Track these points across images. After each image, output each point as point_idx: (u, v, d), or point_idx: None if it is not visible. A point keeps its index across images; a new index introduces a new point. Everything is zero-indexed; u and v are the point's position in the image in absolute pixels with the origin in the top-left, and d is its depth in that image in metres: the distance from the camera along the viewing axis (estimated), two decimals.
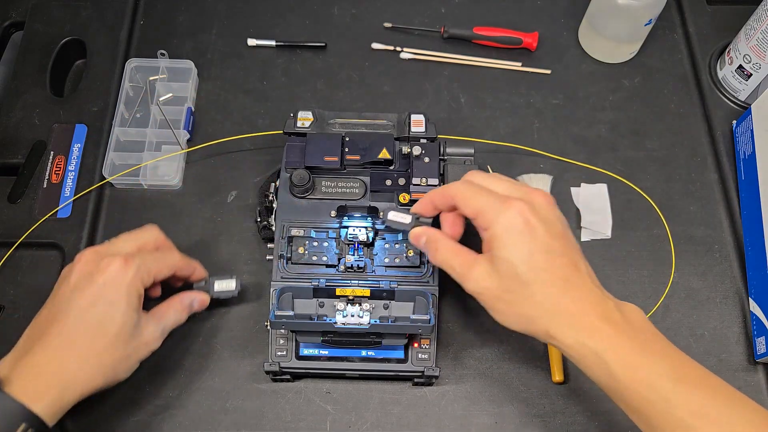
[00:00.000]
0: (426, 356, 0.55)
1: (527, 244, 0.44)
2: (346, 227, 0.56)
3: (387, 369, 0.55)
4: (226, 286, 0.57)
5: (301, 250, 0.55)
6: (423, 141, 0.59)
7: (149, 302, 0.53)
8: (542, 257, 0.44)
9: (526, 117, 0.70)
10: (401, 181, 0.58)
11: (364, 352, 0.55)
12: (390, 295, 0.54)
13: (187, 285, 0.58)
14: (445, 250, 0.48)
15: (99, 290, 0.49)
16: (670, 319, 0.61)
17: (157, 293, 0.57)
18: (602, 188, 0.66)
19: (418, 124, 0.60)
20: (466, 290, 0.47)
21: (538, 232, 0.44)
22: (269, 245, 0.58)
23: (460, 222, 0.50)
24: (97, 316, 0.48)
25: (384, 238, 0.56)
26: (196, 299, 0.55)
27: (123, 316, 0.49)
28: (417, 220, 0.52)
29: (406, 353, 0.55)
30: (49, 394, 0.46)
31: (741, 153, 0.66)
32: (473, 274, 0.46)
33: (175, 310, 0.54)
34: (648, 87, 0.72)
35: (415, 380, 0.57)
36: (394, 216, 0.52)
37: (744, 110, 0.69)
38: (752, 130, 0.64)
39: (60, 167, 0.66)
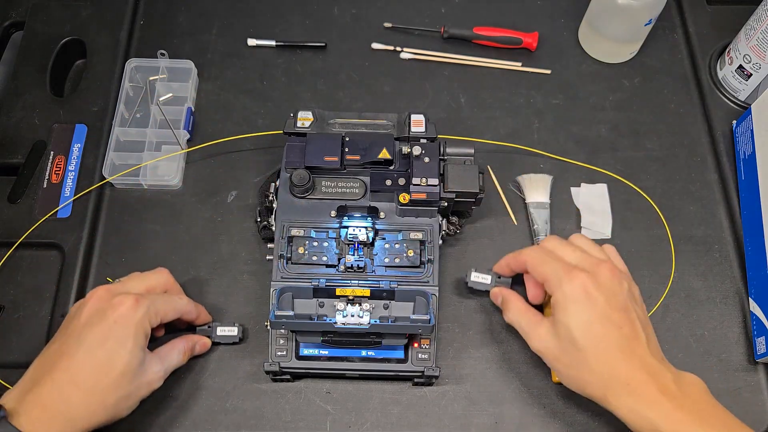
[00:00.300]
0: (426, 356, 0.55)
1: (586, 312, 0.48)
2: (346, 227, 0.56)
3: (387, 369, 0.55)
4: (228, 332, 0.58)
5: (301, 250, 0.55)
6: (423, 141, 0.59)
7: (151, 342, 0.53)
8: (599, 326, 0.48)
9: (526, 117, 0.70)
10: (401, 181, 0.58)
11: (364, 352, 0.55)
12: (390, 295, 0.54)
13: (190, 327, 0.58)
14: (516, 310, 0.54)
15: (109, 327, 0.49)
16: (670, 319, 0.61)
17: (161, 333, 0.58)
18: (602, 188, 0.66)
19: (418, 124, 0.59)
20: (531, 348, 0.52)
21: (597, 303, 0.48)
22: (269, 245, 0.58)
23: (540, 285, 0.54)
24: (106, 353, 0.49)
25: (384, 238, 0.56)
26: (199, 343, 0.57)
27: (129, 354, 0.49)
28: (498, 279, 0.58)
29: (406, 353, 0.55)
30: (55, 429, 0.46)
31: (741, 153, 0.66)
32: (537, 333, 0.51)
33: (179, 352, 0.55)
34: (648, 87, 0.72)
35: (415, 380, 0.57)
36: (476, 277, 0.58)
37: (744, 110, 0.69)
38: (752, 130, 0.64)
39: (60, 167, 0.66)
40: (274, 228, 0.58)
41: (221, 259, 0.62)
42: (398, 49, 0.73)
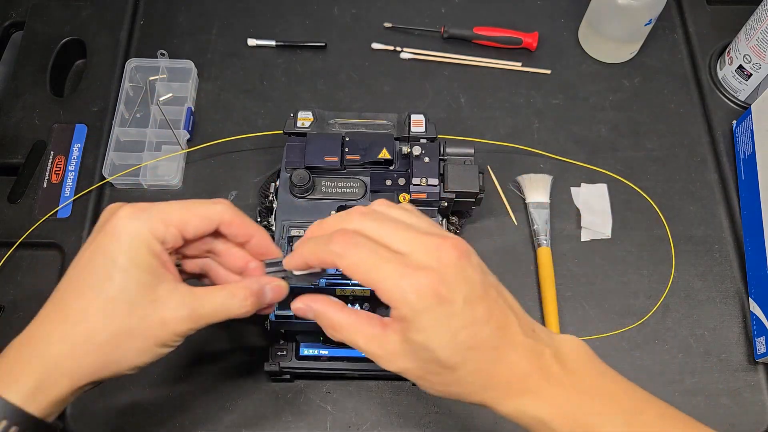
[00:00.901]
0: None
1: (445, 324, 0.36)
2: None
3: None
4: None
5: None
6: (423, 141, 0.59)
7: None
8: (465, 334, 0.36)
9: (526, 117, 0.70)
10: (401, 181, 0.58)
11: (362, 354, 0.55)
12: None
13: None
14: (344, 324, 0.39)
15: (99, 242, 0.38)
16: (670, 319, 0.61)
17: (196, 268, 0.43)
18: (602, 188, 0.66)
19: (418, 124, 0.59)
20: (383, 368, 0.39)
21: (455, 306, 0.36)
22: None
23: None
24: (94, 272, 0.37)
25: None
26: (270, 286, 0.41)
27: (124, 273, 0.37)
28: (295, 277, 0.41)
29: None
30: (29, 376, 0.36)
31: (741, 153, 0.66)
32: (386, 353, 0.38)
33: (229, 293, 0.39)
34: (648, 87, 0.72)
35: None
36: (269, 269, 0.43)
37: (744, 110, 0.69)
38: (752, 130, 0.64)
39: (60, 167, 0.66)
40: (274, 228, 0.58)
41: None
42: (398, 49, 0.73)
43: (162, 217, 0.38)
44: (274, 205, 0.59)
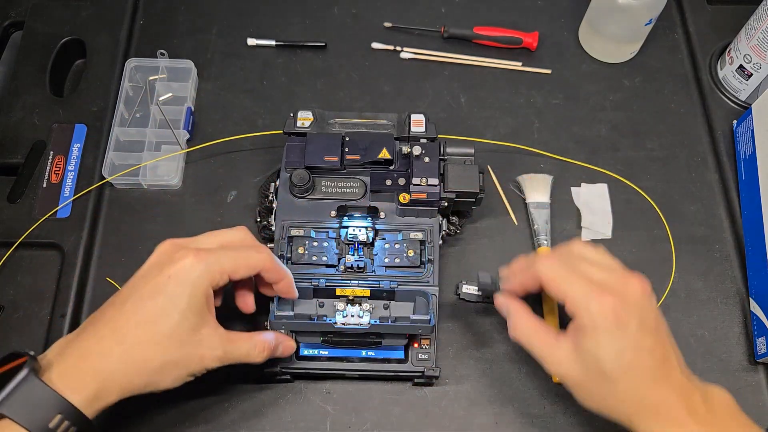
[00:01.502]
0: (426, 356, 0.55)
1: (617, 341, 0.43)
2: (346, 227, 0.56)
3: (387, 369, 0.55)
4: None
5: (301, 250, 0.55)
6: (423, 141, 0.59)
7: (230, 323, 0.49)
8: (631, 355, 0.43)
9: (526, 117, 0.70)
10: (401, 181, 0.58)
11: (364, 353, 0.55)
12: (390, 295, 0.54)
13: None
14: (526, 328, 0.48)
15: (164, 283, 0.44)
16: (671, 319, 0.60)
17: (248, 303, 0.52)
18: (603, 188, 0.66)
19: (418, 124, 0.59)
20: (548, 371, 0.47)
21: (629, 329, 0.43)
22: (269, 245, 0.58)
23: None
24: (154, 309, 0.44)
25: (384, 238, 0.56)
26: (284, 344, 0.50)
27: (180, 315, 0.44)
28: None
29: (406, 353, 0.55)
30: (89, 385, 0.42)
31: (741, 153, 0.66)
32: (555, 357, 0.46)
33: (253, 344, 0.48)
34: (648, 87, 0.72)
35: (416, 380, 0.56)
36: (467, 289, 0.58)
37: (744, 110, 0.69)
38: (753, 130, 0.64)
39: (60, 167, 0.65)
40: (274, 228, 0.58)
41: None
42: (398, 48, 0.73)
43: (220, 267, 0.46)
44: (274, 205, 0.59)
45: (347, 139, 0.58)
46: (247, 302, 0.53)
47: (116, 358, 0.43)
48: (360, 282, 0.54)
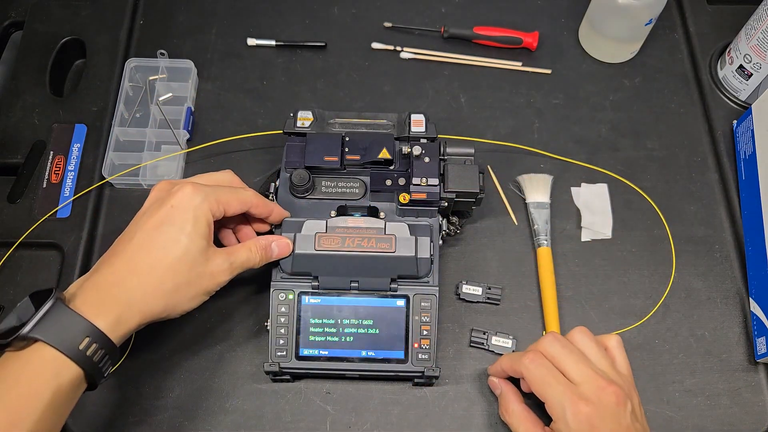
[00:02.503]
0: (426, 356, 0.55)
1: None
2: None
3: (387, 369, 0.55)
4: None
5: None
6: (423, 141, 0.59)
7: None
8: None
9: (526, 117, 0.70)
10: (401, 181, 0.58)
11: (363, 353, 0.55)
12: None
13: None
14: (515, 414, 0.52)
15: (167, 212, 0.48)
16: (671, 319, 0.61)
17: (232, 241, 0.56)
18: (603, 188, 0.66)
19: (418, 123, 0.59)
20: None
21: None
22: None
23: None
24: (162, 237, 0.48)
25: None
26: (277, 242, 0.54)
27: (188, 238, 0.48)
28: (488, 290, 0.60)
29: (406, 353, 0.55)
30: (111, 311, 0.45)
31: (741, 153, 0.66)
32: None
33: (248, 249, 0.52)
34: (648, 87, 0.72)
35: (416, 380, 0.56)
36: (467, 289, 0.60)
37: (744, 110, 0.69)
38: (753, 130, 0.64)
39: (59, 167, 0.65)
40: (273, 228, 0.58)
41: None
42: (398, 48, 0.73)
43: (216, 197, 0.50)
44: None
45: (347, 139, 0.58)
46: (230, 240, 0.57)
47: (133, 285, 0.47)
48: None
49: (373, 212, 0.58)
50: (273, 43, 0.73)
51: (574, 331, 0.52)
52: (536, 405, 0.51)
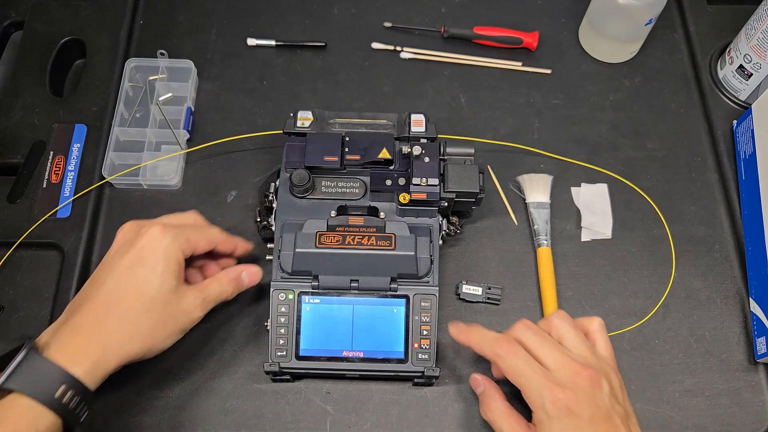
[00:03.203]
0: (426, 356, 0.55)
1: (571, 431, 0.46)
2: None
3: (387, 369, 0.55)
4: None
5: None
6: (423, 141, 0.59)
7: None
8: None
9: (526, 117, 0.70)
10: (401, 181, 0.58)
11: (363, 353, 0.55)
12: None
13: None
14: (497, 412, 0.51)
15: (138, 253, 0.49)
16: (671, 319, 0.61)
17: (198, 279, 0.56)
18: (603, 188, 0.66)
19: (418, 123, 0.59)
20: None
21: (582, 421, 0.45)
22: (269, 245, 0.58)
23: None
24: (135, 278, 0.48)
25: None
26: (246, 272, 0.55)
27: (159, 279, 0.49)
28: (488, 290, 0.60)
29: (406, 353, 0.55)
30: (88, 358, 0.46)
31: (741, 153, 0.66)
32: None
33: (219, 282, 0.53)
34: (648, 87, 0.72)
35: (415, 380, 0.56)
36: (467, 289, 0.60)
37: (744, 110, 0.69)
38: (753, 130, 0.64)
39: (59, 167, 0.65)
40: (274, 228, 0.58)
41: None
42: (398, 48, 0.73)
43: (185, 236, 0.51)
44: (273, 205, 0.59)
45: (347, 139, 0.58)
46: (197, 279, 0.57)
47: (109, 329, 0.47)
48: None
49: (373, 212, 0.58)
50: (273, 43, 0.73)
51: (552, 315, 0.52)
52: (512, 393, 0.51)
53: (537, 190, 0.65)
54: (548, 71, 0.73)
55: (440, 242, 0.58)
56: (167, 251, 0.50)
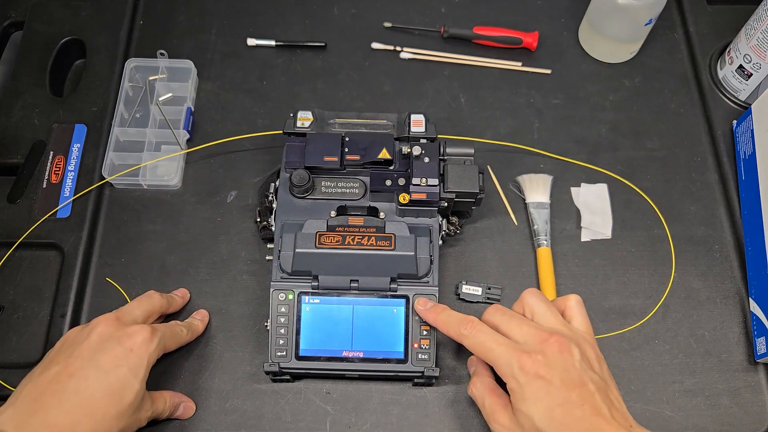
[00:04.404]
0: (426, 356, 0.55)
1: (544, 399, 0.45)
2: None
3: (387, 369, 0.55)
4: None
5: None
6: (423, 141, 0.59)
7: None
8: (560, 411, 0.45)
9: (526, 117, 0.70)
10: (401, 181, 0.58)
11: (363, 353, 0.55)
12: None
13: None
14: (481, 386, 0.51)
15: (125, 355, 0.49)
16: (671, 319, 0.61)
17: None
18: (602, 188, 0.66)
19: (418, 124, 0.59)
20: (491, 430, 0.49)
21: (553, 385, 0.45)
22: (269, 245, 0.58)
23: None
24: (120, 381, 0.48)
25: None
26: (185, 405, 0.56)
27: (139, 385, 0.49)
28: (488, 291, 0.61)
29: (406, 353, 0.55)
30: None
31: (741, 153, 0.66)
32: (498, 418, 0.48)
33: (164, 401, 0.54)
34: (648, 87, 0.72)
35: (415, 381, 0.56)
36: (467, 289, 0.61)
37: (744, 110, 0.69)
38: (752, 130, 0.64)
39: (59, 167, 0.65)
40: (273, 228, 0.58)
41: (221, 260, 0.62)
42: (398, 48, 0.73)
43: (164, 345, 0.52)
44: (273, 205, 0.59)
45: (347, 139, 0.58)
46: None
47: (86, 429, 0.46)
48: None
49: (372, 212, 0.58)
50: (273, 43, 0.73)
51: (524, 293, 0.51)
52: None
53: (537, 190, 0.65)
54: (548, 71, 0.73)
55: (440, 242, 0.58)
56: (150, 357, 0.50)
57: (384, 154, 0.57)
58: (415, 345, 0.55)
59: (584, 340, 0.49)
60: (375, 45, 0.73)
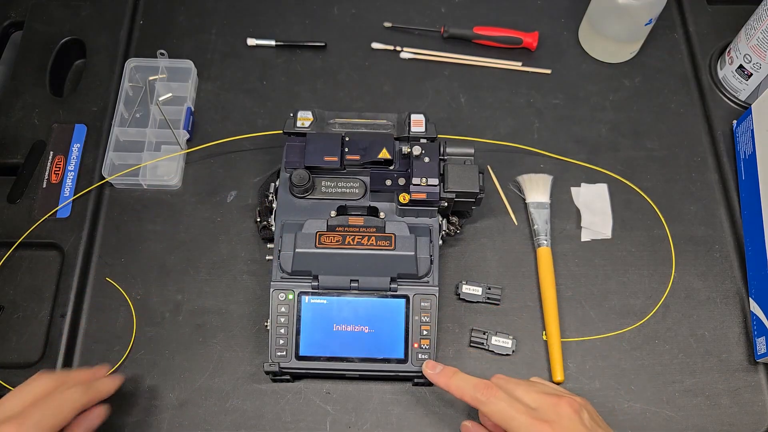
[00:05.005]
0: (426, 356, 0.55)
1: None
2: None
3: (387, 369, 0.55)
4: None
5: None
6: (423, 141, 0.59)
7: None
8: None
9: (526, 117, 0.70)
10: (401, 181, 0.58)
11: (363, 353, 0.55)
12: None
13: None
14: None
15: None
16: (671, 319, 0.61)
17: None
18: (602, 188, 0.66)
19: (418, 124, 0.59)
20: None
21: None
22: (269, 245, 0.58)
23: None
24: None
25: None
26: (93, 416, 0.52)
27: None
28: (488, 290, 0.60)
29: (406, 353, 0.55)
30: None
31: (741, 153, 0.66)
32: None
33: None
34: (648, 87, 0.72)
35: (415, 380, 0.56)
36: (467, 289, 0.60)
37: (744, 110, 0.69)
38: (752, 130, 0.64)
39: (59, 167, 0.65)
40: (273, 228, 0.58)
41: (221, 259, 0.62)
42: (398, 48, 0.73)
43: (44, 425, 0.47)
44: (273, 205, 0.59)
45: (347, 139, 0.58)
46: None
47: None
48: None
49: (373, 212, 0.58)
50: (273, 43, 0.73)
51: (495, 379, 0.52)
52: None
53: (537, 190, 0.65)
54: (548, 71, 0.73)
55: (440, 242, 0.58)
56: None
57: (384, 154, 0.57)
58: (415, 345, 0.55)
59: (583, 399, 0.51)
60: (375, 45, 0.73)
